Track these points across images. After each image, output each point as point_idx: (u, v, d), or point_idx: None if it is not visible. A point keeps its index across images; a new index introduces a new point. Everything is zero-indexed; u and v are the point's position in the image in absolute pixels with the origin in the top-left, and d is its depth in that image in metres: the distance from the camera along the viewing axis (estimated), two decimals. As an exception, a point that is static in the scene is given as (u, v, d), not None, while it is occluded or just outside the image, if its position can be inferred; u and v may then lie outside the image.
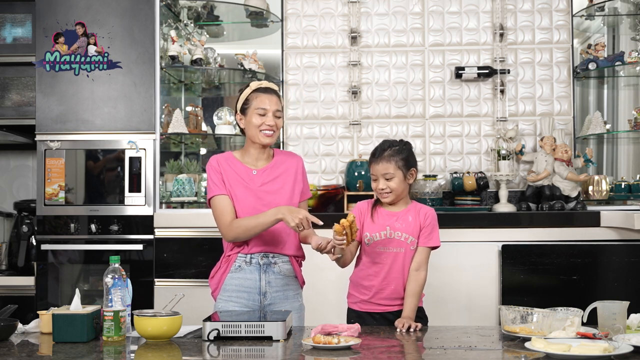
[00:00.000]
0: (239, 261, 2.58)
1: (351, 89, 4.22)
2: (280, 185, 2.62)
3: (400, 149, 2.60)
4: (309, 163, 4.24)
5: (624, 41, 4.26)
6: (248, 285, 2.56)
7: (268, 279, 2.57)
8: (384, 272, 2.57)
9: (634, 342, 1.96)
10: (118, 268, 2.23)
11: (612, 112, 4.31)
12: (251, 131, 2.59)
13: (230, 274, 2.58)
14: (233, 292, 2.57)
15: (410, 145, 2.66)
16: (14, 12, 4.06)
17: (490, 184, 4.08)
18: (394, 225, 2.57)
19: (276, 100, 2.61)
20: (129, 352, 2.08)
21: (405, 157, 2.58)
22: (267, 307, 2.57)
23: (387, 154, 2.58)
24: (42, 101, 3.84)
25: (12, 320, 2.32)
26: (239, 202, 2.57)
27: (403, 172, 2.57)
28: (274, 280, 2.58)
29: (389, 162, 2.56)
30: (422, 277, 2.54)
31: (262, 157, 2.64)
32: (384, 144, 2.63)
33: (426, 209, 2.62)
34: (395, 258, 2.56)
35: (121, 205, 3.81)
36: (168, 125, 4.03)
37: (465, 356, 1.98)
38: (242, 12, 4.32)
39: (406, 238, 2.56)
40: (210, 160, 2.62)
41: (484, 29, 4.22)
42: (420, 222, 2.58)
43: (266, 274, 2.57)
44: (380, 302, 2.58)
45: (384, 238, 2.57)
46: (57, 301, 3.75)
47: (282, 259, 2.61)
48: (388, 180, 2.56)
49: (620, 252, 3.54)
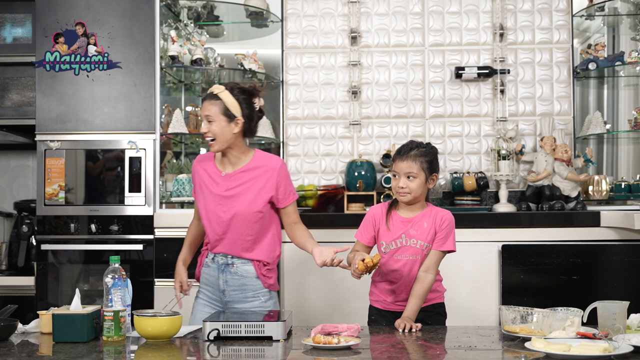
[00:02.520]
0: (208, 258, 2.74)
1: (351, 89, 4.22)
2: (242, 191, 2.63)
3: (427, 151, 2.57)
4: (309, 163, 4.24)
5: (624, 41, 4.25)
6: (211, 281, 2.72)
7: (225, 278, 2.68)
8: (401, 279, 2.57)
9: (634, 342, 1.96)
10: (118, 268, 2.23)
11: (612, 112, 4.31)
12: None
13: (203, 267, 2.77)
14: (203, 284, 2.76)
15: (436, 150, 2.62)
16: (14, 12, 4.06)
17: (490, 184, 4.08)
18: (409, 232, 2.54)
19: (206, 105, 2.59)
20: (129, 352, 2.08)
21: (430, 160, 2.55)
22: (228, 304, 2.69)
23: (414, 153, 2.54)
24: (42, 101, 3.84)
25: (12, 320, 2.32)
26: (201, 205, 2.71)
27: (426, 174, 2.54)
28: (231, 280, 2.67)
29: (415, 161, 2.53)
30: (430, 279, 2.52)
31: (239, 160, 2.67)
32: (411, 143, 2.59)
33: (443, 213, 2.58)
34: (411, 266, 2.55)
35: (121, 205, 3.81)
36: (168, 125, 4.03)
37: (465, 356, 1.98)
38: (242, 12, 4.32)
39: (421, 245, 2.54)
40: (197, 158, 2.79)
41: (484, 29, 4.22)
42: (436, 227, 2.55)
43: (224, 273, 2.68)
44: (399, 303, 2.59)
45: (399, 246, 2.55)
46: (57, 301, 3.75)
47: (242, 260, 2.66)
48: (409, 180, 2.53)
49: (620, 252, 3.54)
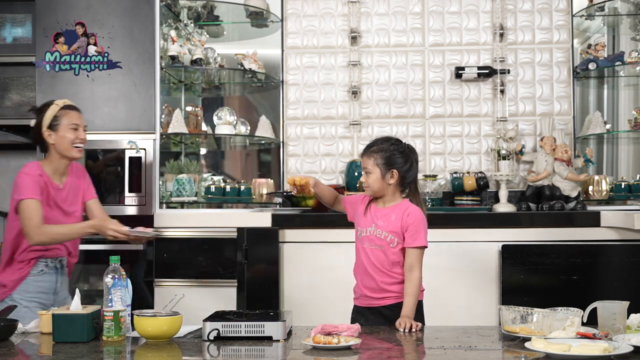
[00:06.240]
0: (40, 265, 2.78)
1: (351, 89, 4.22)
2: (78, 197, 2.88)
3: (385, 147, 2.58)
4: (309, 163, 4.24)
5: (624, 41, 4.26)
6: (48, 287, 2.80)
7: (62, 280, 2.86)
8: (364, 267, 2.59)
9: (634, 342, 1.96)
10: (118, 268, 2.23)
11: (612, 112, 4.31)
12: (63, 145, 2.77)
13: (32, 277, 2.77)
14: (36, 294, 2.77)
15: (402, 146, 2.61)
16: (14, 12, 4.06)
17: (490, 184, 4.07)
18: (378, 222, 2.58)
19: (82, 117, 2.86)
20: (129, 352, 2.08)
21: (388, 157, 2.56)
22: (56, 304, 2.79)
23: (371, 149, 2.60)
24: (42, 101, 3.83)
25: (12, 320, 2.32)
26: (47, 214, 2.73)
27: (381, 170, 2.56)
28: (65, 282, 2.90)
29: (369, 157, 2.58)
30: (416, 276, 2.54)
31: (66, 171, 2.84)
32: (375, 139, 2.65)
33: (411, 209, 2.58)
34: (376, 255, 2.57)
35: (121, 205, 3.81)
36: (168, 125, 4.03)
37: (465, 356, 1.98)
38: (242, 12, 4.32)
39: (385, 236, 2.56)
40: (29, 168, 2.74)
41: (484, 29, 4.22)
42: (403, 221, 2.55)
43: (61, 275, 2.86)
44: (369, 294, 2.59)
45: (369, 235, 2.59)
46: (57, 301, 3.75)
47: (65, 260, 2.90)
48: (367, 175, 2.59)
49: (620, 252, 3.54)
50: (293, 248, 3.65)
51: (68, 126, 2.78)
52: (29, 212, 2.66)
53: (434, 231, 3.56)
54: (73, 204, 2.85)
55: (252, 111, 4.51)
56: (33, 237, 2.67)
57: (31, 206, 2.67)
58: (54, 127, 2.78)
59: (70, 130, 2.78)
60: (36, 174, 2.73)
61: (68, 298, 2.86)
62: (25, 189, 2.69)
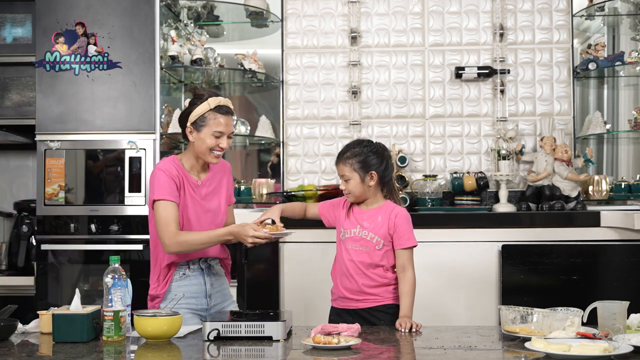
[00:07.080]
0: (182, 269, 2.59)
1: (351, 89, 4.22)
2: (217, 196, 2.67)
3: (359, 151, 2.57)
4: (309, 163, 4.24)
5: (624, 41, 4.25)
6: (195, 291, 2.60)
7: (211, 281, 2.64)
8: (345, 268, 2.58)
9: (634, 342, 1.96)
10: (118, 268, 2.23)
11: (612, 112, 4.31)
12: (201, 148, 2.55)
13: (175, 283, 2.58)
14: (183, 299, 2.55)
15: (375, 147, 2.60)
16: (14, 12, 4.06)
17: (490, 184, 4.08)
18: (364, 224, 2.58)
19: (232, 122, 2.59)
20: (129, 352, 2.08)
21: (363, 160, 2.55)
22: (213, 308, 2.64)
23: (345, 156, 2.58)
24: (42, 101, 3.84)
25: (12, 320, 2.32)
26: (185, 212, 2.56)
27: (360, 174, 2.55)
28: (215, 282, 2.66)
29: (345, 164, 2.56)
30: (410, 276, 2.54)
31: (206, 166, 2.66)
32: (346, 145, 2.63)
33: (398, 210, 2.58)
34: (359, 256, 2.56)
35: (121, 205, 3.81)
36: (168, 125, 4.03)
37: (465, 356, 1.98)
38: (242, 12, 4.32)
39: (372, 238, 2.56)
40: (164, 163, 2.57)
41: (484, 29, 4.22)
42: (390, 222, 2.55)
43: (209, 277, 2.64)
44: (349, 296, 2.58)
45: (353, 235, 2.58)
46: (57, 301, 3.74)
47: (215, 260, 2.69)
48: (347, 182, 2.56)
49: (620, 252, 3.54)
50: (293, 248, 3.65)
51: (211, 132, 2.52)
52: (166, 217, 2.47)
53: (434, 231, 3.59)
54: (214, 201, 2.64)
55: (252, 111, 4.51)
56: (170, 246, 2.47)
57: (167, 209, 2.47)
58: (198, 127, 2.53)
59: (213, 137, 2.53)
60: (172, 169, 2.53)
61: (227, 302, 2.70)
62: (159, 188, 2.48)
